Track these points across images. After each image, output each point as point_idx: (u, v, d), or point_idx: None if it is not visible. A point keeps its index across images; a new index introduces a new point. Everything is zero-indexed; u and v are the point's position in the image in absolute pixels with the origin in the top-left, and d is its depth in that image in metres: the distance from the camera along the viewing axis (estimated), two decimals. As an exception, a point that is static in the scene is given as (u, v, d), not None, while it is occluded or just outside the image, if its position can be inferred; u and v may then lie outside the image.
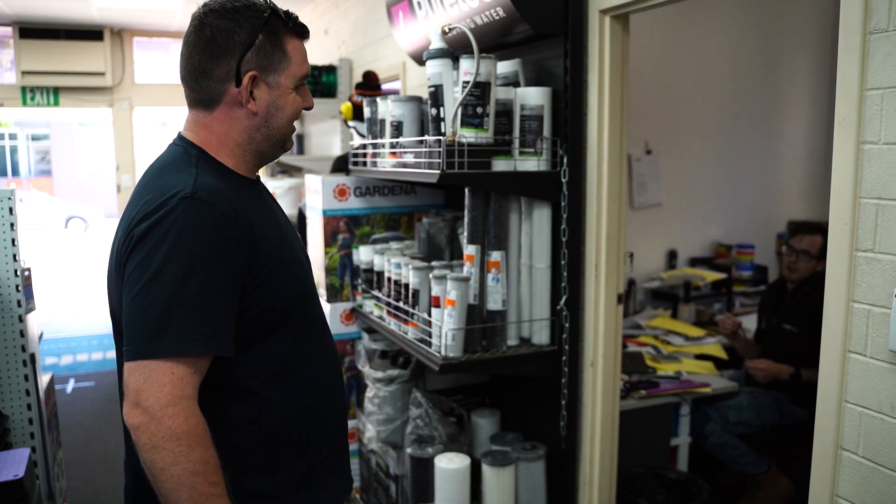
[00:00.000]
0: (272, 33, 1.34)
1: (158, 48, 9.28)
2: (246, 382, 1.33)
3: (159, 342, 1.17)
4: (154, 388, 1.17)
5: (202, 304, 1.20)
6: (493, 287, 2.39)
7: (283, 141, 1.44)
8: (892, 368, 1.55)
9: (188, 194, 1.22)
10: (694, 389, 3.18)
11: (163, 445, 1.16)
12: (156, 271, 1.18)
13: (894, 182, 1.52)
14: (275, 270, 1.33)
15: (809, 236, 3.32)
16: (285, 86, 1.38)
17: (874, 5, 1.54)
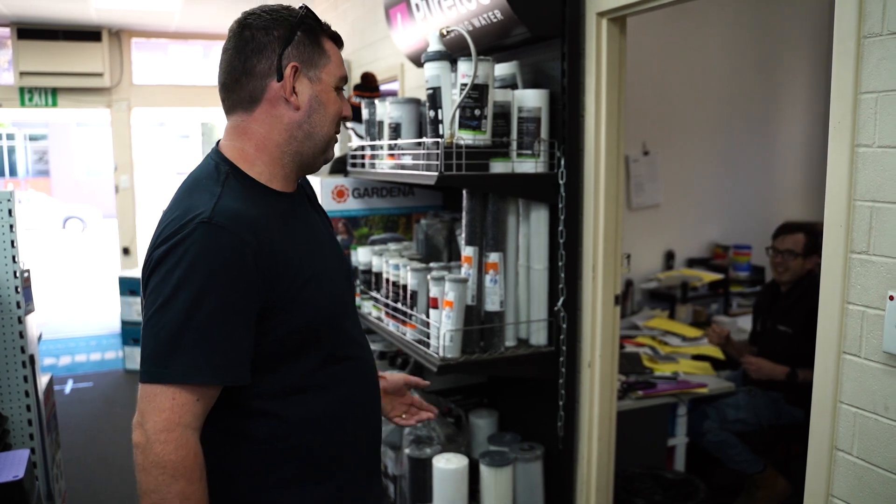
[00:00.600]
0: (310, 31, 1.34)
1: (157, 49, 9.29)
2: (270, 401, 1.31)
3: (165, 368, 1.17)
4: (154, 413, 1.17)
5: (212, 333, 1.19)
6: (490, 288, 2.40)
7: (325, 144, 1.39)
8: (886, 369, 1.56)
9: (206, 219, 1.20)
10: (691, 390, 3.20)
11: (149, 470, 1.17)
12: (168, 297, 1.18)
13: (889, 185, 1.54)
14: (299, 293, 1.30)
15: (791, 235, 3.34)
16: (326, 82, 1.36)
17: (868, 9, 1.55)
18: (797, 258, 3.31)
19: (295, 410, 1.33)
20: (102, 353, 6.57)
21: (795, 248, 3.31)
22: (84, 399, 5.27)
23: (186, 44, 8.64)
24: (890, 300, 1.52)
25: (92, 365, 6.19)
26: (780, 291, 3.45)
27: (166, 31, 7.71)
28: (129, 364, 5.92)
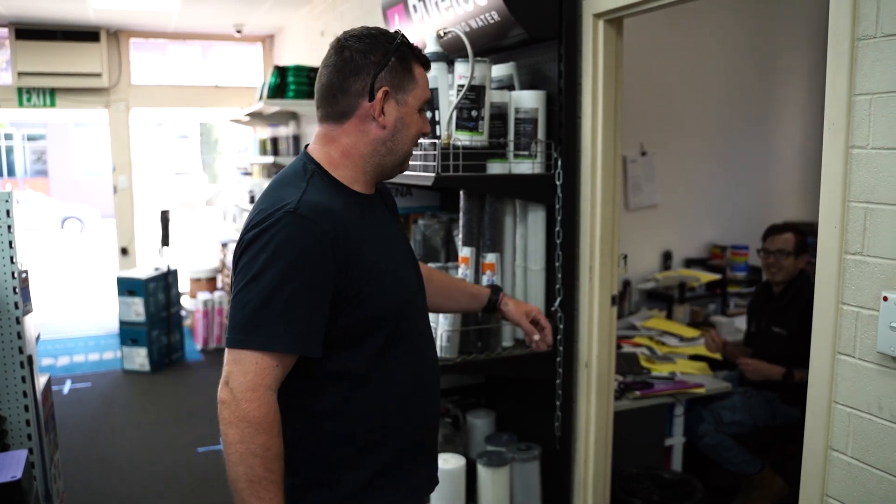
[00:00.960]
0: (402, 57, 1.48)
1: (155, 49, 9.30)
2: (334, 380, 1.45)
3: (250, 336, 1.32)
4: (239, 374, 1.32)
5: (291, 309, 1.33)
6: (487, 289, 2.40)
7: (403, 158, 1.54)
8: (880, 370, 1.57)
9: (292, 209, 1.35)
10: (688, 390, 3.20)
11: (236, 424, 1.31)
12: (255, 275, 1.33)
13: (882, 186, 1.55)
14: (370, 284, 1.43)
15: (780, 235, 3.36)
16: (412, 105, 1.50)
17: (862, 12, 1.56)
18: (789, 257, 3.32)
19: (355, 394, 1.46)
20: (101, 353, 6.57)
21: (787, 248, 3.33)
22: (82, 399, 5.27)
23: (184, 44, 8.65)
24: (884, 301, 1.53)
25: (90, 365, 6.19)
26: (772, 292, 3.46)
27: (165, 32, 7.71)
28: (128, 364, 5.93)
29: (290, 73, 5.47)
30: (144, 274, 5.99)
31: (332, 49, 1.50)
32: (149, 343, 5.87)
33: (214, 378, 5.52)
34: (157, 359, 5.97)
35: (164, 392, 5.48)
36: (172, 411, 5.03)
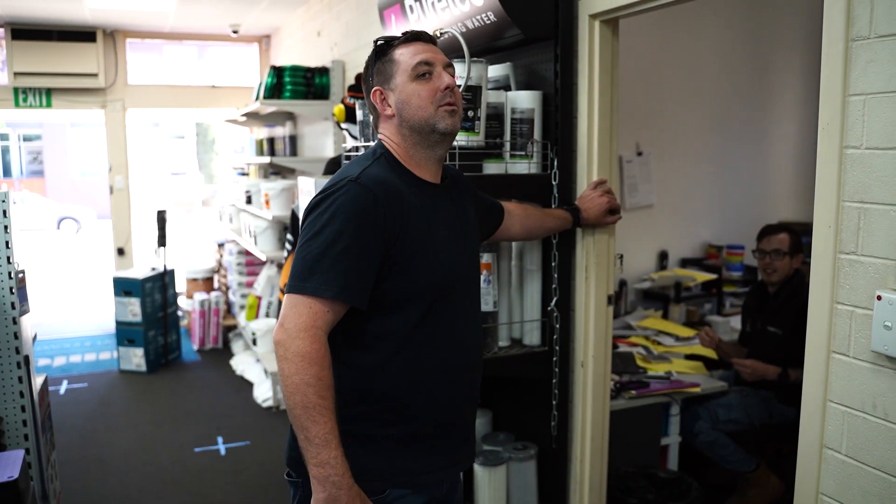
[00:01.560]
0: (382, 56, 1.70)
1: (152, 49, 9.29)
2: (372, 339, 1.62)
3: (305, 282, 1.51)
4: (294, 316, 1.50)
5: (343, 262, 1.51)
6: (484, 288, 2.41)
7: (426, 125, 1.66)
8: (874, 368, 1.58)
9: (353, 178, 1.57)
10: (684, 389, 3.22)
11: (291, 358, 1.48)
12: (316, 232, 1.54)
13: (876, 186, 1.55)
14: (416, 254, 1.60)
15: (776, 236, 3.37)
16: (402, 82, 1.67)
17: (856, 13, 1.57)
18: (784, 257, 3.33)
19: (388, 357, 1.62)
20: (97, 353, 6.56)
21: (782, 248, 3.33)
22: (79, 400, 5.27)
23: (181, 44, 8.65)
24: (878, 300, 1.54)
25: (87, 366, 6.18)
26: (768, 292, 3.47)
27: (161, 32, 7.71)
28: (124, 365, 5.92)
29: (287, 73, 5.47)
30: (141, 274, 5.99)
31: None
32: (145, 343, 5.86)
33: (212, 378, 5.54)
34: (154, 359, 5.97)
35: (161, 392, 5.47)
36: (169, 411, 5.03)
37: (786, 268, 3.35)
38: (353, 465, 1.55)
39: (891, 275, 1.53)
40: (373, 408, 1.63)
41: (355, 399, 1.62)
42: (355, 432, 1.61)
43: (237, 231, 6.35)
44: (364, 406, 1.63)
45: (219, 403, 5.16)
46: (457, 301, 1.71)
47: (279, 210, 5.02)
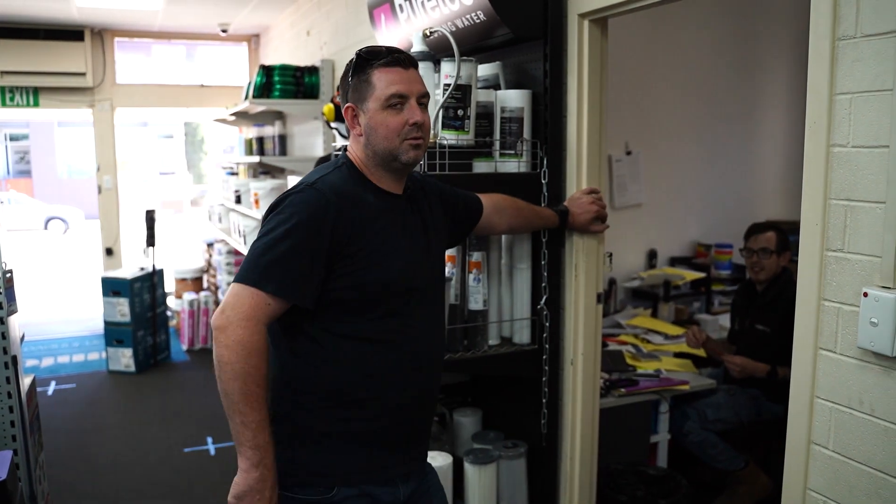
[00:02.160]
0: (360, 72, 1.70)
1: (140, 49, 9.25)
2: (327, 336, 1.67)
3: (250, 274, 1.58)
4: (237, 304, 1.56)
5: (288, 260, 1.58)
6: (474, 287, 2.41)
7: (389, 154, 1.70)
8: (860, 365, 1.60)
9: (309, 184, 1.65)
10: (673, 387, 3.23)
11: (231, 346, 1.55)
12: (269, 230, 1.61)
13: (862, 184, 1.57)
14: (368, 259, 1.65)
15: (763, 234, 3.39)
16: (373, 108, 1.69)
17: (842, 13, 1.58)
18: (772, 256, 3.35)
19: (337, 355, 1.68)
20: (85, 354, 6.53)
21: (769, 246, 3.35)
22: (67, 401, 5.24)
23: (169, 44, 8.61)
24: (864, 297, 1.55)
25: (75, 366, 6.15)
26: (756, 290, 3.48)
27: (149, 31, 7.67)
28: (113, 365, 5.90)
29: (276, 72, 5.46)
30: (129, 274, 5.96)
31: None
32: (134, 344, 5.84)
33: (201, 378, 5.51)
34: (143, 359, 5.95)
35: (150, 393, 5.45)
36: (158, 412, 5.02)
37: (773, 266, 3.36)
38: (301, 464, 1.67)
39: (877, 272, 1.55)
40: (325, 403, 1.68)
41: (308, 393, 1.68)
42: (305, 428, 1.68)
43: (226, 231, 6.33)
44: (317, 401, 1.68)
45: (208, 403, 5.15)
46: (415, 306, 1.75)
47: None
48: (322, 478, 1.69)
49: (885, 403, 1.55)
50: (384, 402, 1.72)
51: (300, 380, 1.69)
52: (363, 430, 1.70)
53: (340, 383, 1.68)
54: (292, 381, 1.69)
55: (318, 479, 1.69)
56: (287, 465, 1.67)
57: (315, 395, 1.68)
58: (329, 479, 1.69)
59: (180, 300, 6.87)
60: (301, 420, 1.69)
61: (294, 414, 1.69)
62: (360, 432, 1.70)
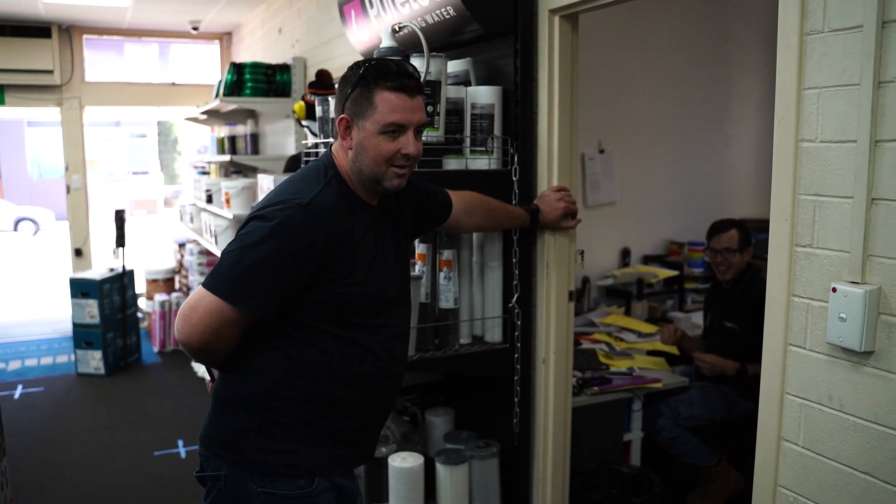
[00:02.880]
0: (364, 86, 1.65)
1: (112, 47, 9.11)
2: (305, 335, 1.68)
3: (218, 283, 1.57)
4: (200, 308, 1.57)
5: (268, 280, 1.58)
6: (444, 285, 2.39)
7: (374, 177, 1.69)
8: (830, 360, 1.59)
9: (304, 203, 1.59)
10: (646, 385, 3.23)
11: (182, 342, 1.61)
12: (254, 243, 1.57)
13: (831, 179, 1.56)
14: (352, 276, 1.66)
15: (725, 233, 3.41)
16: (369, 130, 1.65)
17: (810, 8, 1.58)
18: (736, 254, 3.37)
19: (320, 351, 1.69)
20: (54, 357, 6.42)
21: (732, 245, 3.37)
22: (34, 404, 5.14)
23: (141, 43, 8.49)
24: (833, 292, 1.55)
25: (43, 369, 6.04)
26: (723, 288, 3.50)
27: (119, 28, 7.56)
28: (82, 368, 5.79)
29: (247, 70, 5.40)
30: (99, 275, 5.86)
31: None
32: (104, 346, 5.74)
33: (172, 380, 5.44)
34: (113, 361, 5.85)
35: (120, 395, 5.37)
36: (128, 415, 4.93)
37: (738, 263, 3.38)
38: (276, 456, 1.68)
39: (845, 267, 1.54)
40: (304, 399, 1.70)
41: (287, 388, 1.69)
42: (281, 421, 1.69)
43: (198, 231, 6.25)
44: (296, 396, 1.69)
45: (179, 406, 5.07)
46: (389, 313, 1.78)
47: (240, 209, 4.94)
48: (300, 470, 1.70)
49: (854, 399, 1.55)
50: (359, 402, 1.75)
51: (280, 374, 1.69)
52: (338, 428, 1.74)
53: (320, 382, 1.69)
54: (272, 374, 1.69)
55: (296, 471, 1.70)
56: (260, 454, 1.68)
57: (294, 390, 1.69)
58: (309, 472, 1.71)
59: (151, 301, 6.77)
60: (277, 413, 1.69)
61: (270, 406, 1.69)
62: (336, 429, 1.73)
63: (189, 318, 1.58)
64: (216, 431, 1.74)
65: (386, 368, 1.79)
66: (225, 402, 1.74)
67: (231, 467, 1.70)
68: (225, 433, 1.72)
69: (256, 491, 1.68)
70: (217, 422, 1.75)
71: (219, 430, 1.73)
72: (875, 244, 1.49)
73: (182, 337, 1.60)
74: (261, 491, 1.67)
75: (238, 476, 1.69)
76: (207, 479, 1.75)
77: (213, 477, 1.73)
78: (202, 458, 1.77)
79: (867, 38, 1.46)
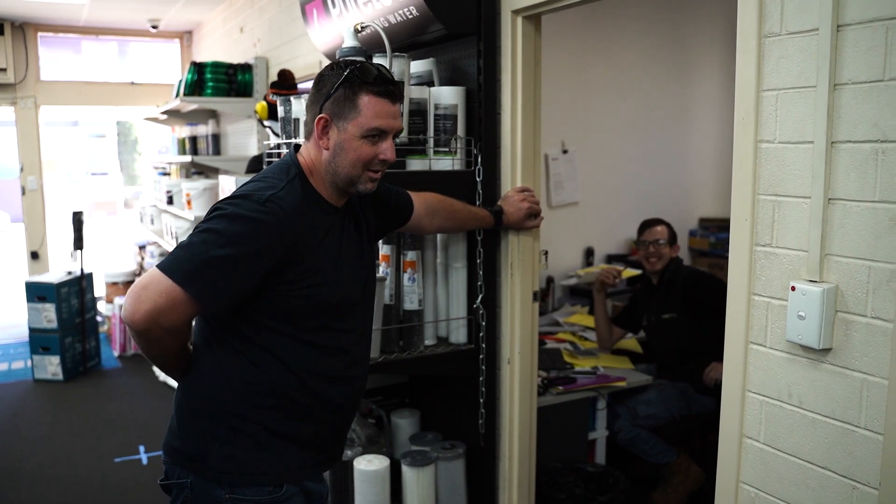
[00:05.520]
0: (348, 87, 1.64)
1: (68, 46, 8.93)
2: (267, 338, 1.66)
3: (174, 266, 1.52)
4: (154, 291, 1.51)
5: (214, 268, 1.53)
6: (408, 287, 2.38)
7: (348, 180, 1.69)
8: (789, 358, 1.62)
9: (265, 199, 1.58)
10: (610, 384, 3.25)
11: (141, 336, 1.56)
12: (214, 230, 1.54)
13: (789, 179, 1.59)
14: (314, 277, 1.64)
15: (656, 227, 3.60)
16: (351, 132, 1.65)
17: (767, 10, 1.60)
18: (665, 246, 3.55)
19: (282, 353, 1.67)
20: (9, 363, 6.26)
21: (662, 238, 3.56)
22: (-12, 411, 5.01)
23: (99, 40, 8.33)
24: (792, 291, 1.57)
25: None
26: (653, 285, 3.59)
27: (75, 26, 7.41)
28: (39, 374, 5.66)
29: (208, 69, 5.33)
30: (56, 278, 5.74)
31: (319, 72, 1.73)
32: (62, 351, 5.62)
33: (133, 385, 5.33)
34: (72, 367, 5.73)
35: (79, 401, 5.26)
36: (88, 421, 4.83)
37: (667, 255, 3.56)
38: (242, 464, 1.65)
39: (803, 266, 1.57)
40: (268, 403, 1.67)
41: (251, 393, 1.67)
42: (246, 427, 1.66)
43: (158, 233, 6.14)
44: (260, 401, 1.67)
45: (141, 411, 4.99)
46: (351, 317, 1.77)
47: (201, 210, 4.87)
48: (268, 477, 1.68)
49: (813, 395, 1.57)
50: (324, 404, 1.74)
51: (242, 380, 1.66)
52: (304, 432, 1.72)
53: (283, 387, 1.67)
54: (234, 380, 1.66)
55: (264, 478, 1.67)
56: (226, 464, 1.65)
57: (258, 395, 1.66)
58: (277, 478, 1.68)
59: (111, 305, 6.64)
60: (242, 420, 1.66)
61: (234, 414, 1.66)
62: (302, 434, 1.71)
63: (138, 294, 1.52)
64: (180, 442, 1.70)
65: (350, 371, 1.77)
66: (188, 411, 1.70)
67: (196, 476, 1.67)
68: (190, 443, 1.68)
69: (224, 497, 1.65)
70: (181, 432, 1.70)
71: (183, 440, 1.69)
72: (832, 243, 1.52)
73: (128, 314, 1.54)
74: (229, 497, 1.65)
75: (204, 484, 1.66)
76: (173, 486, 1.71)
77: (178, 485, 1.69)
78: (166, 466, 1.74)
79: (823, 41, 1.48)
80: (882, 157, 1.41)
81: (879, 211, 1.42)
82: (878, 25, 1.40)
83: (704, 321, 3.30)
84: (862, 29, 1.43)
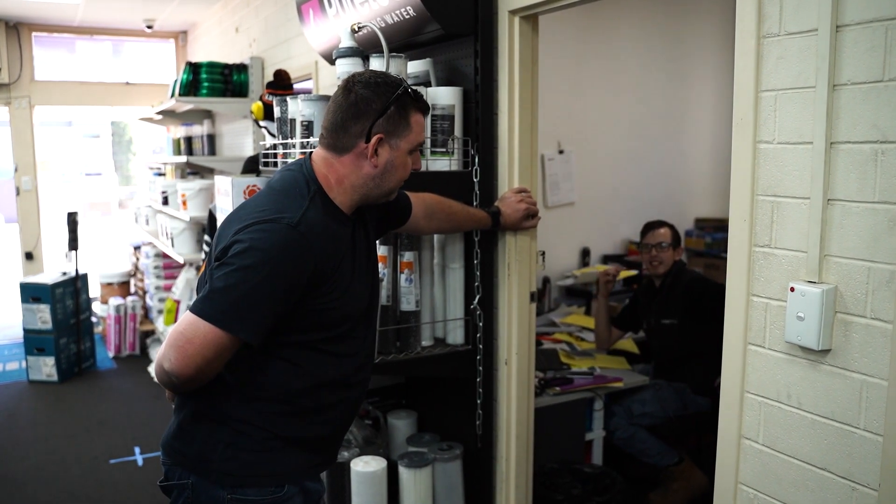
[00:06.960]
0: (401, 106, 1.65)
1: (63, 45, 8.90)
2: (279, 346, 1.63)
3: (217, 313, 1.49)
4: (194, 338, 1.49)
5: (259, 305, 1.51)
6: (406, 288, 2.37)
7: (389, 193, 1.73)
8: (788, 359, 1.61)
9: (292, 223, 1.54)
10: (607, 385, 3.25)
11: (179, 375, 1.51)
12: (243, 267, 1.50)
13: (788, 180, 1.58)
14: (336, 291, 1.64)
15: (659, 230, 3.56)
16: (403, 150, 1.67)
17: (766, 11, 1.60)
18: (668, 249, 3.51)
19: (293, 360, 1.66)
20: (4, 364, 6.24)
21: (666, 240, 3.51)
22: (-19, 413, 4.99)
23: (93, 40, 8.30)
24: (790, 291, 1.57)
25: (-10, 377, 5.87)
26: (655, 287, 3.57)
27: (70, 26, 7.38)
28: (34, 375, 5.64)
29: (204, 69, 5.31)
30: (51, 279, 5.71)
31: (340, 89, 1.68)
32: (56, 352, 5.60)
33: (128, 386, 5.32)
34: (66, 368, 5.71)
35: (74, 402, 5.24)
36: (83, 422, 4.82)
37: (670, 259, 3.51)
38: (247, 466, 1.64)
39: (802, 266, 1.56)
40: (275, 408, 1.67)
41: (259, 399, 1.66)
42: (252, 430, 1.65)
43: (154, 233, 6.13)
44: (267, 406, 1.66)
45: (136, 412, 4.97)
46: (361, 325, 1.78)
47: (197, 211, 4.86)
48: (270, 478, 1.68)
49: (812, 396, 1.57)
50: (332, 409, 1.75)
51: (250, 387, 1.65)
52: (308, 436, 1.72)
53: (294, 392, 1.67)
54: (242, 386, 1.65)
55: (267, 479, 1.67)
56: (230, 465, 1.65)
57: (264, 402, 1.66)
58: (280, 479, 1.69)
59: (106, 305, 6.62)
60: (247, 424, 1.65)
61: (240, 418, 1.65)
62: (306, 438, 1.72)
63: (185, 349, 1.49)
64: (182, 443, 1.68)
65: (358, 375, 1.78)
66: (192, 413, 1.68)
67: (199, 477, 1.66)
68: (192, 445, 1.67)
69: (226, 498, 1.64)
70: (183, 433, 1.69)
71: (186, 442, 1.68)
72: (831, 244, 1.51)
73: (175, 368, 1.50)
74: (230, 498, 1.64)
75: (206, 485, 1.65)
76: (173, 488, 1.70)
77: (179, 486, 1.68)
78: (166, 468, 1.72)
79: (822, 41, 1.48)
80: (881, 158, 1.41)
81: (879, 212, 1.42)
82: (878, 26, 1.40)
83: (706, 326, 3.27)
84: (861, 29, 1.43)
